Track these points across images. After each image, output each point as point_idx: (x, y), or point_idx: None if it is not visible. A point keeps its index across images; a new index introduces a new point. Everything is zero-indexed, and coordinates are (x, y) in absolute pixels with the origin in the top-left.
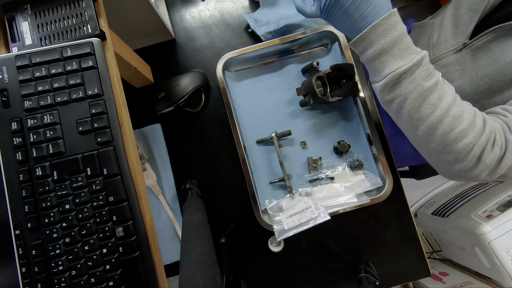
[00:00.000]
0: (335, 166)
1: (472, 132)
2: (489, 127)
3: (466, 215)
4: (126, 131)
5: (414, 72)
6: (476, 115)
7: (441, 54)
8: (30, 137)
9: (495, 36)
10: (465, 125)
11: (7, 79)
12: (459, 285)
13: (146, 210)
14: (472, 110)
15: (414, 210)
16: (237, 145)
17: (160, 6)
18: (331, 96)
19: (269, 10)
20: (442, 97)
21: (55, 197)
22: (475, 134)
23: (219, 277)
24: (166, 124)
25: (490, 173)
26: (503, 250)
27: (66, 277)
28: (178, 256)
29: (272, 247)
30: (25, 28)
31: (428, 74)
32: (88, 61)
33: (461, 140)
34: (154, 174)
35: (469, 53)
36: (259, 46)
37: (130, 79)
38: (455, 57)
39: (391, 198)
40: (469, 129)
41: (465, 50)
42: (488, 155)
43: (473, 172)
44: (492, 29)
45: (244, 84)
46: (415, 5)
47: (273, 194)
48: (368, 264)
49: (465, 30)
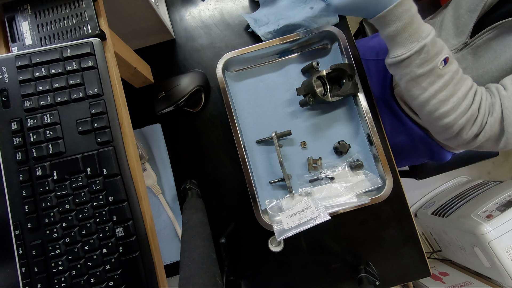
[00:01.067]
0: (335, 166)
1: (454, 114)
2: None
3: (466, 215)
4: (126, 131)
5: (410, 60)
6: (466, 98)
7: None
8: (30, 137)
9: (496, 33)
10: (448, 108)
11: (7, 79)
12: (459, 285)
13: (146, 210)
14: (463, 94)
15: (414, 210)
16: (237, 145)
17: (160, 6)
18: (331, 96)
19: (269, 10)
20: (433, 82)
21: (55, 197)
22: (456, 115)
23: (219, 277)
24: (166, 124)
25: (467, 144)
26: (503, 250)
27: (66, 277)
28: (178, 256)
29: (272, 247)
30: (25, 28)
31: (423, 62)
32: (88, 61)
33: (443, 119)
34: (154, 174)
35: (470, 51)
36: (259, 46)
37: (130, 79)
38: (456, 56)
39: (391, 198)
40: (450, 111)
41: (466, 49)
42: (466, 133)
43: (453, 142)
44: (493, 26)
45: (244, 84)
46: None
47: (273, 194)
48: (368, 264)
49: (465, 30)
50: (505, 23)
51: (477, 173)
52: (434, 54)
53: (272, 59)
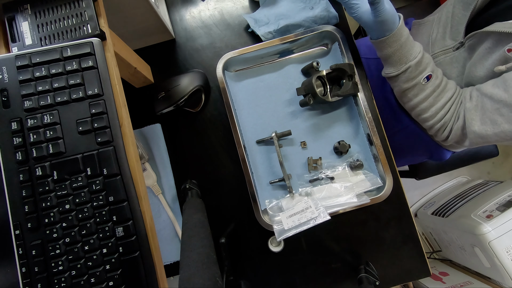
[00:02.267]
0: (335, 166)
1: (431, 120)
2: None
3: (466, 215)
4: (126, 131)
5: (398, 77)
6: (442, 109)
7: (440, 51)
8: (30, 137)
9: (475, 40)
10: (427, 115)
11: (7, 79)
12: (459, 285)
13: (146, 210)
14: (441, 105)
15: (414, 210)
16: (237, 145)
17: (160, 6)
18: (331, 96)
19: (269, 10)
20: (417, 94)
21: (55, 197)
22: (433, 121)
23: (219, 277)
24: (166, 124)
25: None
26: (503, 250)
27: (66, 277)
28: (178, 256)
29: (272, 247)
30: (25, 28)
31: (408, 79)
32: (88, 61)
33: (424, 122)
34: (154, 174)
35: (465, 51)
36: (259, 46)
37: (130, 79)
38: (453, 54)
39: (391, 198)
40: (429, 118)
41: (462, 48)
42: (440, 134)
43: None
44: (471, 34)
45: (244, 84)
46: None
47: (273, 194)
48: (368, 264)
49: (460, 29)
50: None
51: (477, 173)
52: (418, 73)
53: (272, 59)
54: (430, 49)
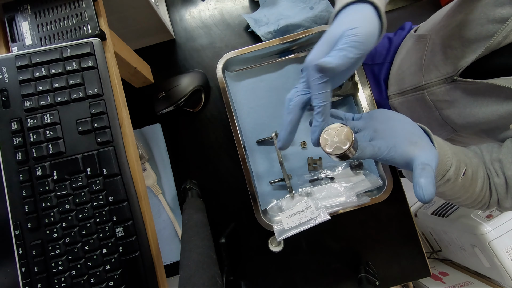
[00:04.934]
0: (335, 166)
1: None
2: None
3: (466, 215)
4: (126, 131)
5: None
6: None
7: (431, 81)
8: (30, 137)
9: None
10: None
11: (7, 79)
12: (459, 285)
13: (146, 210)
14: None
15: (414, 210)
16: (237, 145)
17: (160, 6)
18: (331, 96)
19: (269, 10)
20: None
21: (55, 197)
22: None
23: (219, 277)
24: (166, 124)
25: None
26: (503, 250)
27: (66, 277)
28: (178, 256)
29: (272, 247)
30: (25, 28)
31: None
32: (88, 61)
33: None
34: (154, 174)
35: (460, 87)
36: (259, 46)
37: (130, 79)
38: (445, 87)
39: (391, 198)
40: (469, 204)
41: (455, 83)
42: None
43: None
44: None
45: (244, 84)
46: (415, 5)
47: (273, 194)
48: (368, 264)
49: (456, 63)
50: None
51: None
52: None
53: (272, 59)
54: (423, 78)
